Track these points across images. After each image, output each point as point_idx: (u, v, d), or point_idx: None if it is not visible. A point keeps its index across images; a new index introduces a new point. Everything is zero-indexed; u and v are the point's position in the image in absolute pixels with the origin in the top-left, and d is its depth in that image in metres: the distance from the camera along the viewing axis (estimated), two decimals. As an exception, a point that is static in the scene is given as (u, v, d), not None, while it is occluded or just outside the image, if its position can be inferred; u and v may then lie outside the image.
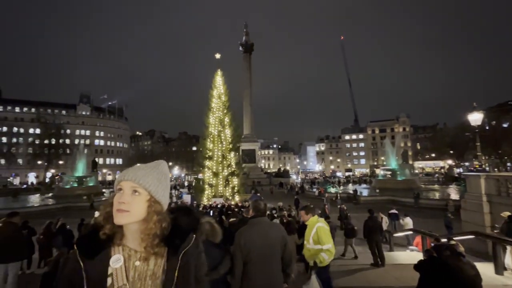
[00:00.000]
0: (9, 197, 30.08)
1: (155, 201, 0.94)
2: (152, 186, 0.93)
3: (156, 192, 0.94)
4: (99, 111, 71.07)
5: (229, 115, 21.00)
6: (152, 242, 0.91)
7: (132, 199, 0.90)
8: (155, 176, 0.96)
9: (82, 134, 64.12)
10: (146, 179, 0.93)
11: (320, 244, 3.44)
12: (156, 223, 0.91)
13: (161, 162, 1.07)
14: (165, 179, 1.00)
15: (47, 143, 49.37)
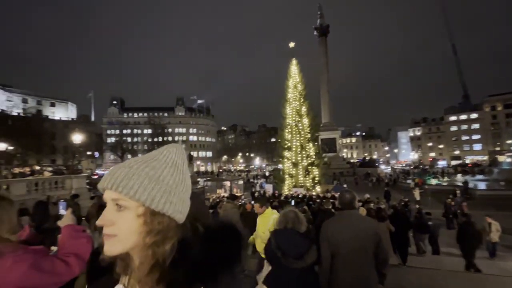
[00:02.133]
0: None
1: (153, 214, 0.59)
2: (140, 192, 0.58)
3: (152, 199, 0.58)
4: (191, 111, 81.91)
5: (306, 104, 20.50)
6: (146, 278, 0.59)
7: (118, 218, 0.59)
8: (147, 174, 0.60)
9: (179, 132, 75.70)
10: (129, 184, 0.58)
11: None
12: (152, 248, 0.59)
13: (167, 148, 0.70)
14: (172, 174, 0.63)
15: (156, 140, 61.37)
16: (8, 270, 0.93)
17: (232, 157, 78.57)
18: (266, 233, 3.54)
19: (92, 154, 57.25)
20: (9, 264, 0.93)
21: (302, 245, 2.29)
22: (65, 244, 1.12)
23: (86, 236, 1.18)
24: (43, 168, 25.20)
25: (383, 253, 2.21)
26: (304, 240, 2.35)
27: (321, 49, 40.87)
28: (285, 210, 2.64)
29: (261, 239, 3.63)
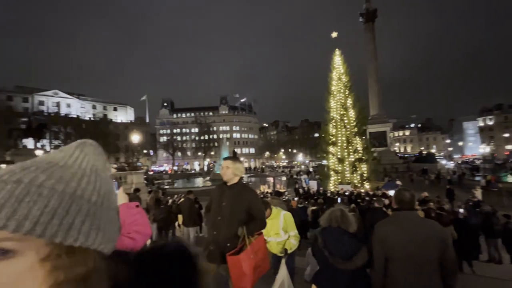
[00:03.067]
0: (185, 179, 42.04)
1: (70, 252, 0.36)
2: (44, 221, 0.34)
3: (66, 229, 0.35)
4: (234, 109, 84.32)
5: (351, 96, 19.34)
6: None
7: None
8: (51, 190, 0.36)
9: (224, 130, 78.67)
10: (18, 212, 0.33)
11: (288, 232, 3.42)
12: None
13: (78, 147, 0.45)
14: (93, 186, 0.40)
15: (202, 139, 65.15)
16: None
17: (274, 153, 78.73)
18: (281, 234, 3.43)
19: (147, 152, 63.35)
20: None
21: (350, 246, 2.18)
22: (125, 223, 1.25)
23: (140, 212, 1.29)
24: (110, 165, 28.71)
25: (451, 263, 1.95)
26: (352, 240, 2.23)
27: (368, 36, 37.95)
28: (331, 208, 2.53)
29: (276, 242, 3.44)
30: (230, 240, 2.20)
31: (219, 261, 2.18)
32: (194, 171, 62.96)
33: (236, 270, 2.08)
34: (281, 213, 3.53)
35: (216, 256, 2.18)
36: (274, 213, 3.51)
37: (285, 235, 3.44)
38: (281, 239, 3.40)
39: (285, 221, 3.48)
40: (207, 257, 2.21)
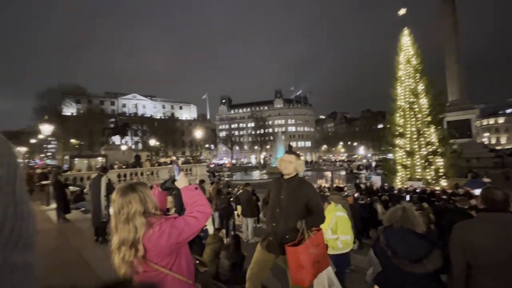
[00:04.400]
0: (242, 172, 44.03)
1: None
2: None
3: None
4: (289, 102, 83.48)
5: (424, 80, 16.91)
6: None
7: None
8: None
9: (279, 123, 78.83)
10: None
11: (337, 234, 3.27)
12: None
13: None
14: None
15: (258, 133, 66.80)
16: (159, 235, 1.25)
17: (332, 147, 75.27)
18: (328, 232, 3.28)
19: (209, 146, 68.37)
20: (159, 230, 1.26)
21: (418, 247, 1.96)
22: (188, 204, 1.41)
23: (199, 193, 1.44)
24: (178, 158, 32.09)
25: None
26: (421, 241, 1.99)
27: (446, 9, 32.31)
28: (394, 207, 2.32)
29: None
30: (289, 232, 2.24)
31: (278, 251, 2.25)
32: (251, 165, 65.21)
33: (294, 261, 2.10)
34: (335, 213, 3.39)
35: (275, 247, 2.27)
36: (328, 209, 3.38)
37: (332, 235, 3.33)
38: (328, 236, 3.31)
39: (336, 223, 3.36)
40: (267, 247, 2.30)
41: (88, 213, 8.32)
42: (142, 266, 1.23)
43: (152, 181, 14.62)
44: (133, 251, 1.22)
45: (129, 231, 1.23)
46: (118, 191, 1.32)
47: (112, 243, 1.29)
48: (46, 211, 9.26)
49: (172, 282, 1.28)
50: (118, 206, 1.28)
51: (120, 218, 1.26)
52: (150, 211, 1.32)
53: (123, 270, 1.24)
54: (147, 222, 1.26)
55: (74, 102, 52.36)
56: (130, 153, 25.29)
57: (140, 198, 1.30)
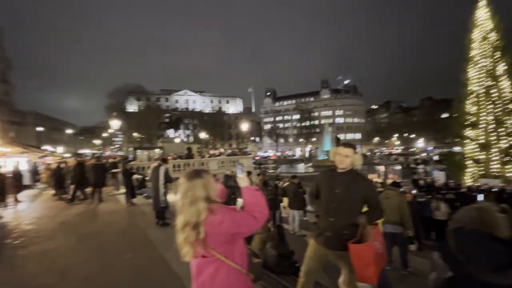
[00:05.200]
0: (287, 164, 43.91)
1: None
2: None
3: None
4: (336, 92, 79.30)
5: (505, 59, 14.25)
6: None
7: None
8: None
9: (325, 115, 75.72)
10: None
11: None
12: None
13: None
14: None
15: (304, 125, 65.35)
16: (219, 222, 1.32)
17: (385, 139, 69.42)
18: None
19: (254, 139, 69.58)
20: (219, 218, 1.33)
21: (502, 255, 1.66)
22: (249, 203, 1.46)
23: (260, 194, 1.50)
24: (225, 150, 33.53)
25: None
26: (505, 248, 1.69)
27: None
28: (467, 207, 2.01)
29: None
30: (348, 228, 2.17)
31: (337, 247, 2.19)
32: (296, 157, 64.41)
33: (360, 259, 2.04)
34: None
35: (334, 243, 2.20)
36: None
37: None
38: None
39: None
40: (324, 243, 2.24)
41: (150, 198, 9.32)
42: (202, 249, 1.32)
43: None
44: (195, 233, 1.30)
45: (192, 213, 1.32)
46: (186, 176, 1.42)
47: (177, 223, 1.39)
48: (117, 195, 10.68)
49: (228, 270, 1.35)
50: (184, 189, 1.38)
51: (185, 200, 1.36)
52: (212, 198, 1.39)
53: (185, 249, 1.34)
54: (209, 208, 1.34)
55: (135, 99, 58.53)
56: (182, 146, 27.33)
57: (204, 184, 1.38)
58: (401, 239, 4.40)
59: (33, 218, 7.15)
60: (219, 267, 1.34)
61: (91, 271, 3.73)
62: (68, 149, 52.39)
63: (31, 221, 6.88)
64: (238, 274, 1.38)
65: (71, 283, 3.40)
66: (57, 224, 6.44)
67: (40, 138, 43.71)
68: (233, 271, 1.36)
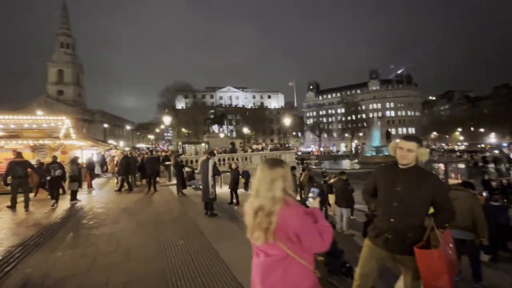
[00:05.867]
0: (331, 160, 42.14)
1: None
2: None
3: None
4: (387, 83, 73.06)
5: None
6: None
7: None
8: None
9: (374, 108, 70.49)
10: None
11: None
12: None
13: None
14: None
15: (349, 119, 61.85)
16: (290, 216, 1.28)
17: (445, 134, 61.85)
18: None
19: (296, 134, 68.48)
20: (291, 212, 1.29)
21: None
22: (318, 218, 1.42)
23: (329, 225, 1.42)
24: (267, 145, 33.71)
25: None
26: None
27: None
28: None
29: None
30: (412, 230, 1.96)
31: (398, 250, 2.01)
32: (341, 153, 61.60)
33: (429, 266, 1.83)
34: None
35: (395, 245, 2.02)
36: None
37: None
38: None
39: None
40: (383, 245, 2.07)
41: (198, 190, 9.88)
42: (272, 239, 1.29)
43: (246, 165, 15.90)
44: (268, 220, 1.28)
45: (268, 199, 1.30)
46: (267, 162, 1.40)
47: (251, 205, 1.37)
48: (169, 185, 11.57)
49: (296, 266, 1.31)
50: (263, 174, 1.36)
51: (262, 185, 1.34)
52: (288, 191, 1.36)
53: (255, 233, 1.32)
54: (284, 200, 1.31)
55: (183, 97, 62.48)
56: (226, 140, 28.27)
57: (283, 174, 1.36)
58: (473, 247, 3.83)
59: (102, 203, 8.18)
60: (288, 265, 1.30)
61: (149, 254, 4.09)
62: (128, 143, 58.78)
63: (101, 205, 7.87)
64: (308, 271, 1.33)
65: (134, 263, 3.78)
66: (120, 209, 7.25)
67: (106, 133, 49.77)
68: (303, 268, 1.32)
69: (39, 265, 3.72)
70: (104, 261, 3.86)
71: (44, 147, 10.50)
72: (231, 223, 5.88)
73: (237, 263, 3.60)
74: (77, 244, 4.58)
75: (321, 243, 1.30)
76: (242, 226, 5.51)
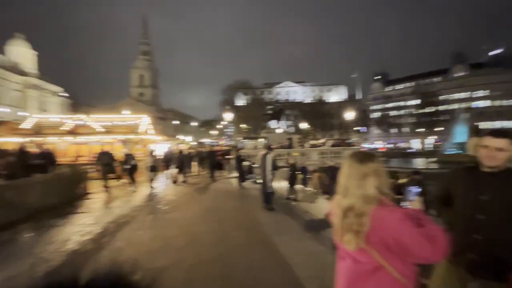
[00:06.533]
0: (400, 158, 37.67)
1: None
2: None
3: None
4: (477, 67, 60.85)
5: None
6: None
7: None
8: None
9: (458, 98, 59.71)
10: None
11: None
12: None
13: None
14: None
15: (424, 112, 54.05)
16: (386, 219, 1.10)
17: None
18: None
19: (359, 129, 63.62)
20: (387, 214, 1.10)
21: None
22: (426, 226, 1.15)
23: (441, 229, 1.17)
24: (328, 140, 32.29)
25: None
26: None
27: None
28: None
29: None
30: (504, 251, 1.54)
31: (485, 275, 1.60)
32: (413, 150, 54.54)
33: None
34: None
35: (481, 269, 1.62)
36: None
37: None
38: None
39: None
40: (465, 266, 1.68)
41: (257, 183, 10.16)
42: (364, 244, 1.12)
43: (304, 161, 15.57)
44: (359, 222, 1.13)
45: (359, 198, 1.15)
46: (355, 156, 1.25)
47: (338, 205, 1.23)
48: (230, 178, 12.24)
49: (390, 280, 1.10)
50: (351, 170, 1.21)
51: (351, 182, 1.19)
52: (382, 189, 1.18)
53: (346, 237, 1.17)
54: (379, 199, 1.15)
55: (243, 94, 64.92)
56: (284, 136, 28.18)
57: (376, 170, 1.18)
58: None
59: (173, 192, 9.19)
60: (382, 278, 1.11)
61: (212, 240, 4.39)
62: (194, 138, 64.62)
63: (172, 193, 8.86)
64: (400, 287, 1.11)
65: (199, 247, 4.12)
66: (187, 198, 8.02)
67: (176, 129, 55.78)
68: (393, 282, 1.10)
69: (127, 240, 4.42)
70: (175, 242, 4.31)
71: (130, 141, 12.36)
72: (289, 218, 5.85)
73: (295, 258, 3.59)
74: (154, 226, 5.26)
75: (431, 250, 1.07)
76: (300, 222, 5.44)
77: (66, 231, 4.90)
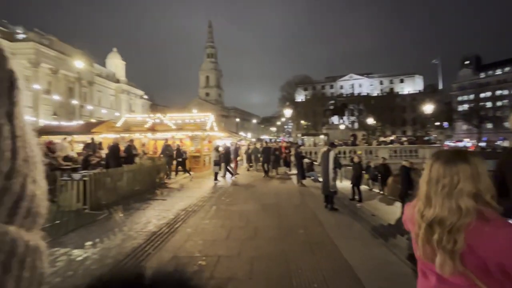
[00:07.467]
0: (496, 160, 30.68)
1: None
2: None
3: None
4: None
5: None
6: None
7: None
8: None
9: None
10: None
11: None
12: None
13: None
14: None
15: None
16: (490, 237, 0.86)
17: None
18: None
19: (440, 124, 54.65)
20: (492, 231, 0.86)
21: None
22: None
23: None
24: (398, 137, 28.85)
25: None
26: None
27: None
28: None
29: None
30: None
31: None
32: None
33: None
34: None
35: None
36: None
37: None
38: None
39: None
40: None
41: (317, 181, 9.79)
42: (462, 267, 0.89)
43: (370, 160, 14.25)
44: (451, 239, 0.90)
45: (450, 210, 0.91)
46: (441, 155, 1.02)
47: (420, 215, 1.00)
48: (290, 175, 12.13)
49: None
50: (437, 173, 0.97)
51: (437, 188, 0.96)
52: (483, 197, 0.93)
53: (439, 258, 0.92)
54: (478, 211, 0.90)
55: (303, 90, 63.45)
56: (347, 132, 26.42)
57: (472, 174, 0.94)
58: None
59: (235, 185, 9.63)
60: None
61: (272, 235, 4.39)
62: (254, 135, 66.56)
63: (234, 187, 9.29)
64: None
65: (260, 241, 4.17)
66: (249, 192, 8.26)
67: (237, 126, 58.46)
68: None
69: (195, 227, 4.82)
70: (237, 234, 4.48)
71: (198, 137, 13.49)
72: (353, 220, 5.42)
73: (361, 265, 3.28)
74: (218, 216, 5.59)
75: None
76: (365, 226, 4.98)
77: (147, 214, 5.65)
